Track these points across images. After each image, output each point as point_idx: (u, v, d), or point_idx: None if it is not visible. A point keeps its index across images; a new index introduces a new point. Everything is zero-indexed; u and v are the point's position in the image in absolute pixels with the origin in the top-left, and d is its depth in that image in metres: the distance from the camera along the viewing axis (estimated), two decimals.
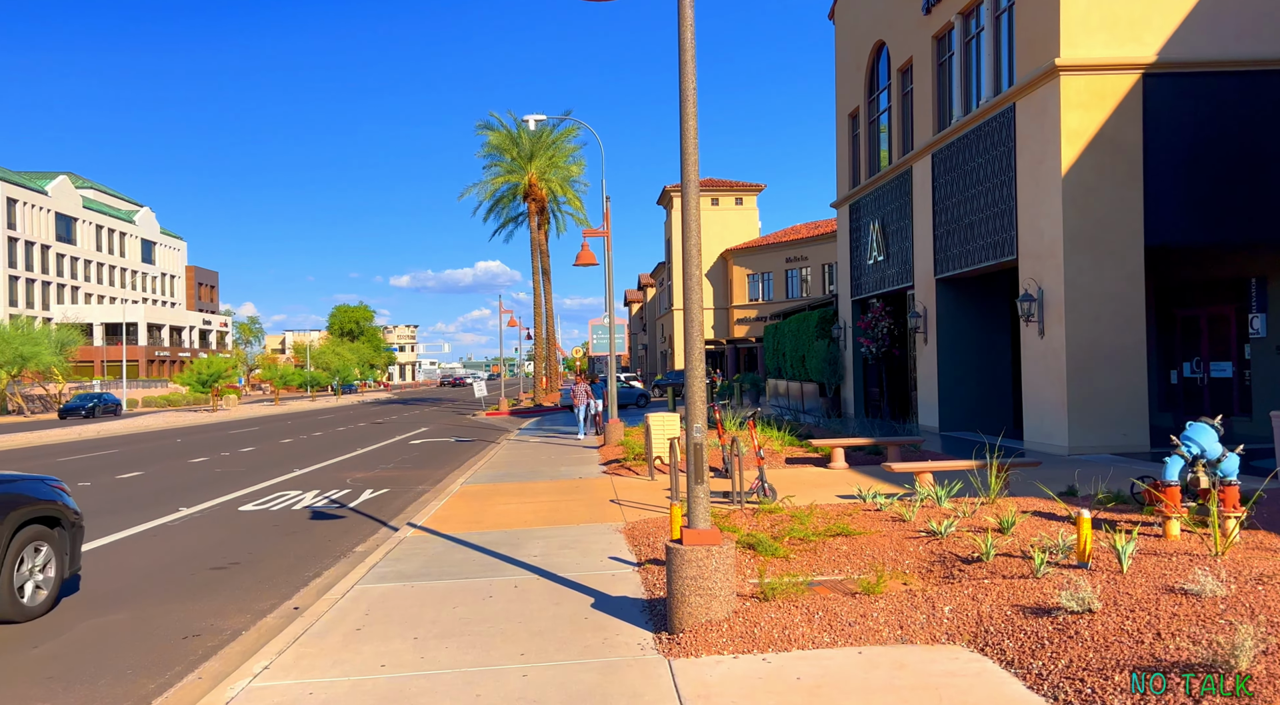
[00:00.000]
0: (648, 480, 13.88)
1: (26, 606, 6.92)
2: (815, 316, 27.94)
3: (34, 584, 7.06)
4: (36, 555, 7.11)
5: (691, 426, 5.77)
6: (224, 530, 11.18)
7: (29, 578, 7.01)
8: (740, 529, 8.46)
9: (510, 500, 12.38)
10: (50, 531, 7.29)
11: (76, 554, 7.60)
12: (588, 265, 20.28)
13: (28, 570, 7.00)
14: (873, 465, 14.46)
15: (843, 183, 26.77)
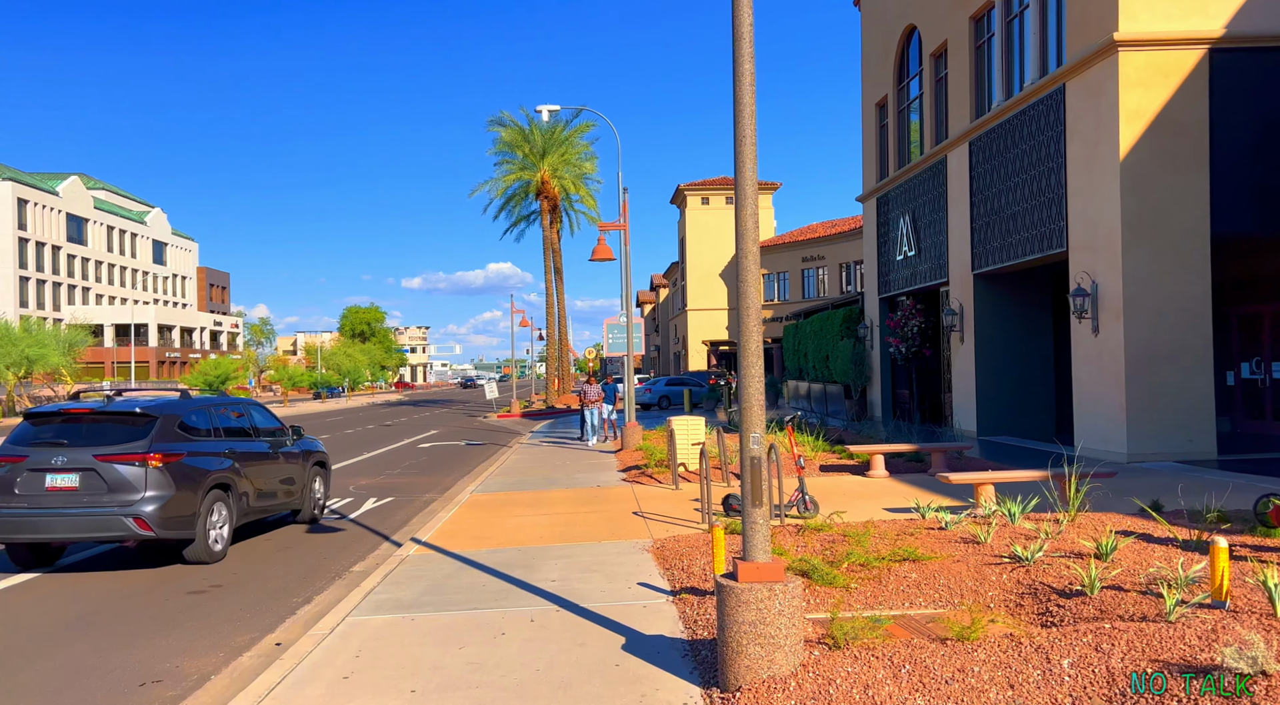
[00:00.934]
0: (672, 490, 12.84)
1: (317, 515, 11.70)
2: (840, 315, 26.82)
3: (319, 501, 11.77)
4: (317, 481, 11.70)
5: (748, 436, 4.73)
6: None
7: (317, 493, 11.66)
8: (787, 551, 7.40)
9: (524, 512, 11.36)
10: (323, 469, 12.01)
11: (329, 485, 12.34)
12: (604, 260, 19.26)
13: (315, 489, 11.63)
14: (915, 473, 13.38)
15: (869, 175, 25.66)
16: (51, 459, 8.37)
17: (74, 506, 8.28)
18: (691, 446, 14.25)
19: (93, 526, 8.33)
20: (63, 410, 8.86)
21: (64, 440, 8.54)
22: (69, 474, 8.36)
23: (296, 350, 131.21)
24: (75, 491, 8.32)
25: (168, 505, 8.43)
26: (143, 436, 8.58)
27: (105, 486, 8.34)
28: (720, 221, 66.51)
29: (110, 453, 8.40)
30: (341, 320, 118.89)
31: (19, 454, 8.46)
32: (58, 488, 8.34)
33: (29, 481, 8.35)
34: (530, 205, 48.98)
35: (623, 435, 19.07)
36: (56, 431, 8.65)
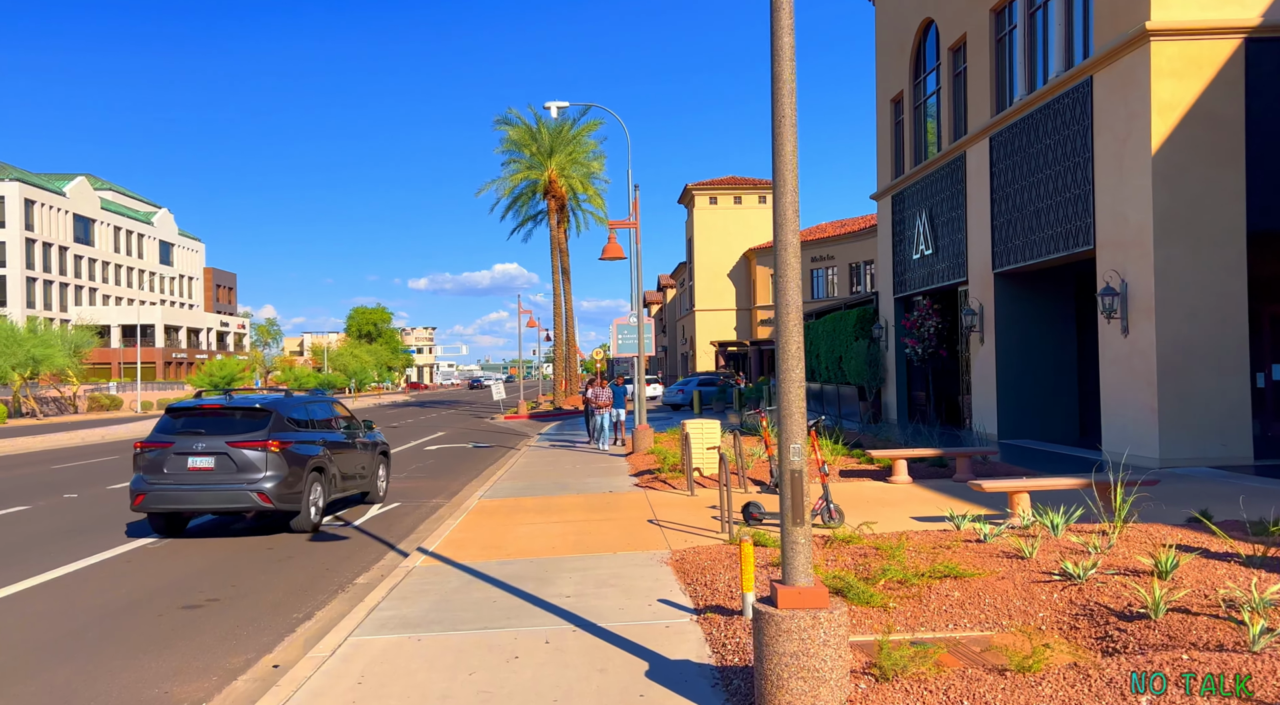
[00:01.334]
0: (687, 496, 12.40)
1: (382, 496, 13.37)
2: (853, 315, 26.33)
3: (383, 484, 13.49)
4: (382, 468, 13.42)
5: (788, 447, 4.28)
6: (209, 555, 9.80)
7: (381, 478, 13.37)
8: (818, 566, 6.95)
9: (534, 519, 10.93)
10: (385, 458, 13.74)
11: (390, 472, 14.39)
12: (615, 259, 18.82)
13: (380, 475, 13.32)
14: (939, 479, 12.91)
15: (883, 173, 25.17)
16: (193, 445, 10.18)
17: (210, 483, 10.14)
18: (706, 451, 13.81)
19: (225, 499, 10.15)
20: (199, 405, 10.75)
21: (201, 430, 10.39)
22: (206, 457, 10.19)
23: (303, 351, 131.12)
24: (211, 471, 10.17)
25: (282, 483, 10.27)
26: (262, 427, 10.40)
27: (235, 467, 10.16)
28: (728, 221, 66.07)
29: (239, 440, 10.20)
30: (348, 321, 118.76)
31: (166, 440, 10.30)
32: (197, 468, 10.16)
33: (174, 463, 10.16)
34: (537, 205, 48.61)
35: (633, 438, 18.64)
36: (194, 422, 10.50)
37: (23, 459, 23.36)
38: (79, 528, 11.70)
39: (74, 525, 11.92)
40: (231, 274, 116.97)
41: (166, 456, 10.19)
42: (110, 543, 10.50)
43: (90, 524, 12.00)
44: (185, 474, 10.13)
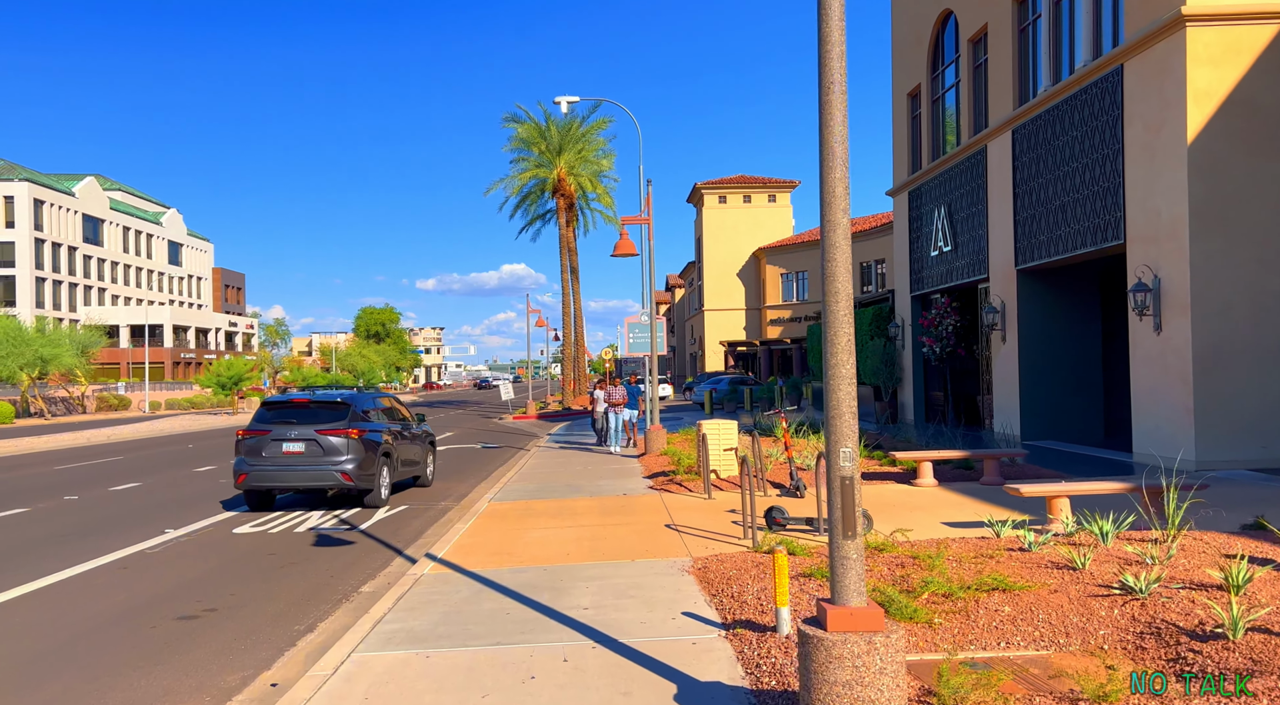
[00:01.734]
0: (704, 499, 11.96)
1: (430, 479, 14.72)
2: (869, 314, 25.84)
3: (430, 470, 14.79)
4: (430, 456, 14.74)
5: (837, 452, 3.85)
6: (209, 561, 9.41)
7: (429, 466, 14.69)
8: None
9: (547, 523, 10.51)
10: (433, 447, 15.12)
11: (435, 459, 15.42)
12: (627, 255, 18.39)
13: (429, 462, 14.73)
14: (966, 482, 12.44)
15: (900, 168, 24.68)
16: (286, 432, 12.02)
17: (301, 464, 11.96)
18: (724, 452, 13.37)
19: (313, 478, 11.95)
20: (290, 400, 12.69)
21: (292, 420, 12.23)
22: (298, 443, 12.03)
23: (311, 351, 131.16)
24: (302, 455, 11.99)
25: (360, 465, 12.02)
26: (343, 418, 12.21)
27: (322, 451, 11.98)
28: (738, 220, 65.64)
29: (324, 428, 12.02)
30: (356, 321, 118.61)
31: (264, 429, 12.16)
32: (290, 452, 12.01)
33: (271, 448, 12.02)
34: (546, 204, 48.25)
35: (646, 439, 18.21)
36: (285, 414, 12.38)
37: (26, 459, 23.08)
38: (78, 531, 11.34)
39: (74, 529, 11.56)
40: (240, 274, 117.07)
41: (264, 443, 12.06)
42: (109, 547, 10.13)
43: (90, 527, 11.64)
44: (280, 457, 12.02)
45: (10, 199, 73.72)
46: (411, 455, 13.94)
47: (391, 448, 12.98)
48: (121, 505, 13.67)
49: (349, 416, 12.28)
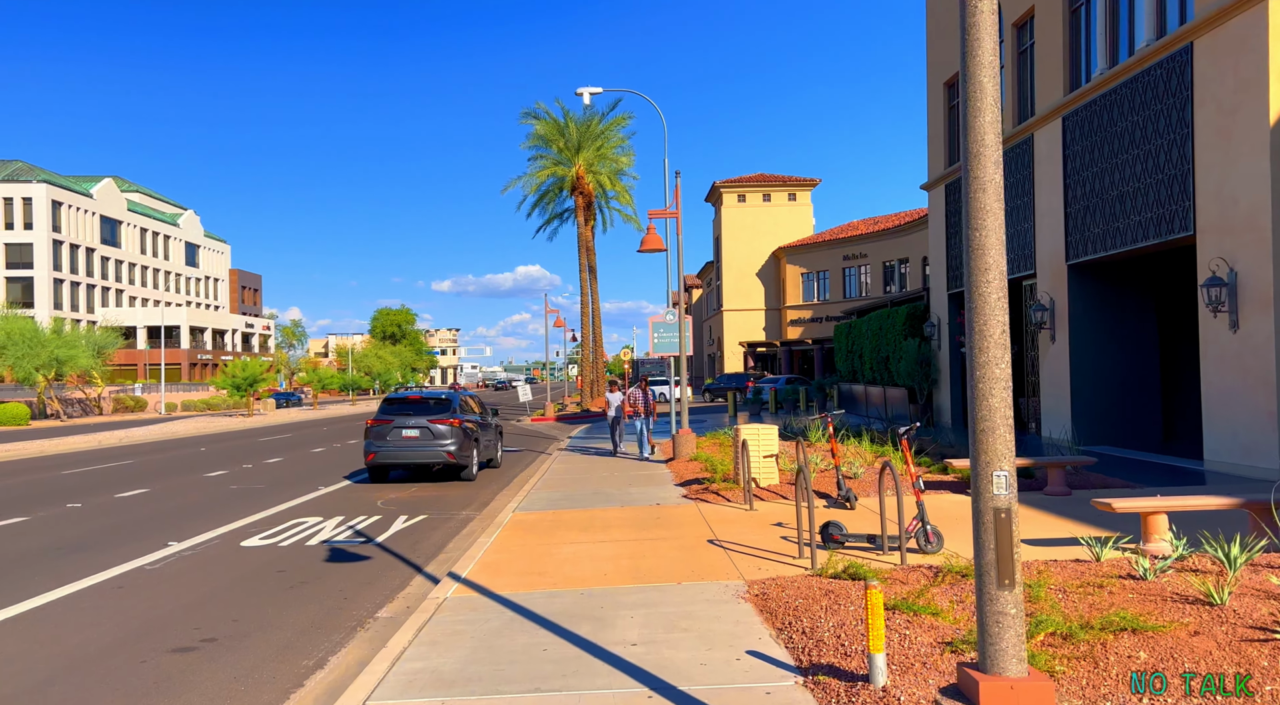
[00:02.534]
0: (745, 510, 11.09)
1: (499, 462, 17.80)
2: (903, 312, 24.87)
3: (500, 454, 17.94)
4: (499, 442, 17.90)
5: (989, 474, 2.99)
6: (212, 579, 8.64)
7: (499, 451, 17.86)
8: (943, 611, 5.62)
9: (578, 537, 9.68)
10: (501, 435, 18.29)
11: (503, 445, 18.92)
12: (654, 251, 17.55)
13: (498, 447, 17.82)
14: (1028, 492, 11.50)
15: (936, 161, 23.71)
16: (405, 421, 15.29)
17: (416, 446, 15.27)
18: (763, 459, 12.50)
19: (426, 456, 15.30)
20: (406, 396, 16.02)
21: (409, 411, 15.45)
22: (414, 429, 15.29)
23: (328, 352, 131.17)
24: (417, 439, 15.26)
25: (460, 447, 15.36)
26: (448, 410, 15.54)
27: (432, 436, 15.27)
28: (757, 219, 64.71)
29: (434, 418, 15.36)
30: (372, 322, 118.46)
31: (387, 419, 15.44)
32: (408, 437, 15.27)
33: (394, 433, 15.29)
34: (564, 202, 47.52)
35: (674, 444, 17.34)
36: (404, 407, 15.62)
37: (35, 463, 22.50)
38: (77, 544, 10.61)
39: (72, 541, 10.84)
40: (257, 275, 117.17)
41: (388, 429, 15.35)
42: (106, 563, 9.38)
43: (89, 539, 10.91)
44: (400, 440, 15.30)
45: (28, 200, 73.82)
46: (488, 441, 17.37)
47: (478, 435, 16.41)
48: (126, 514, 12.96)
49: (451, 409, 15.68)
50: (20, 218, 73.98)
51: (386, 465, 15.59)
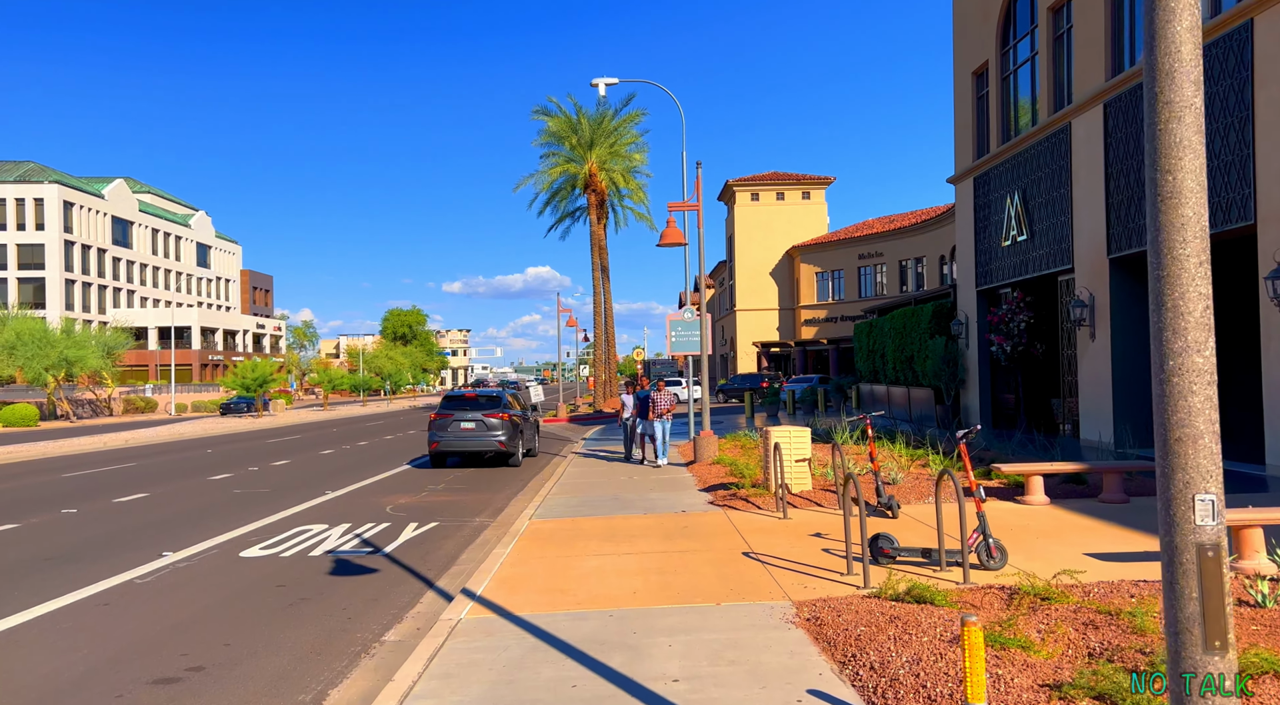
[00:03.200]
0: (778, 518, 10.34)
1: (536, 451, 19.97)
2: (928, 310, 24.04)
3: (536, 445, 19.84)
4: (536, 435, 20.07)
5: (1188, 497, 2.25)
6: (206, 594, 7.96)
7: (535, 441, 19.79)
8: (1033, 644, 4.86)
9: (600, 548, 8.96)
10: (538, 428, 20.81)
11: (539, 436, 21.17)
12: (674, 245, 16.82)
13: (535, 439, 19.91)
14: (1081, 499, 10.72)
15: (963, 153, 22.88)
16: (463, 415, 17.53)
17: (472, 436, 17.54)
18: (795, 464, 11.75)
19: (480, 445, 17.52)
20: (464, 394, 18.42)
21: (467, 407, 17.76)
22: (470, 422, 17.53)
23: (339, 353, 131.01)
24: (473, 430, 17.50)
25: (509, 437, 17.51)
26: (499, 406, 17.82)
27: (486, 428, 17.47)
28: (771, 218, 63.92)
29: (488, 412, 17.59)
30: (383, 323, 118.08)
31: (448, 413, 17.76)
32: (465, 428, 17.53)
33: (454, 426, 17.53)
34: (576, 201, 46.83)
35: (695, 447, 16.59)
36: (461, 403, 17.95)
37: (36, 466, 21.97)
38: (67, 553, 9.97)
39: (62, 550, 10.19)
40: (268, 276, 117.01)
41: (449, 422, 17.73)
42: (94, 575, 8.73)
43: (81, 548, 10.26)
44: (459, 431, 17.67)
45: (40, 201, 73.74)
46: (530, 433, 19.86)
47: (522, 427, 18.64)
48: (122, 520, 12.32)
49: (502, 405, 18.08)
50: (32, 218, 73.91)
51: (446, 452, 18.18)
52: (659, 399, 16.87)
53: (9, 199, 73.73)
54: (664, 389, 16.97)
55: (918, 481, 12.11)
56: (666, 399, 16.91)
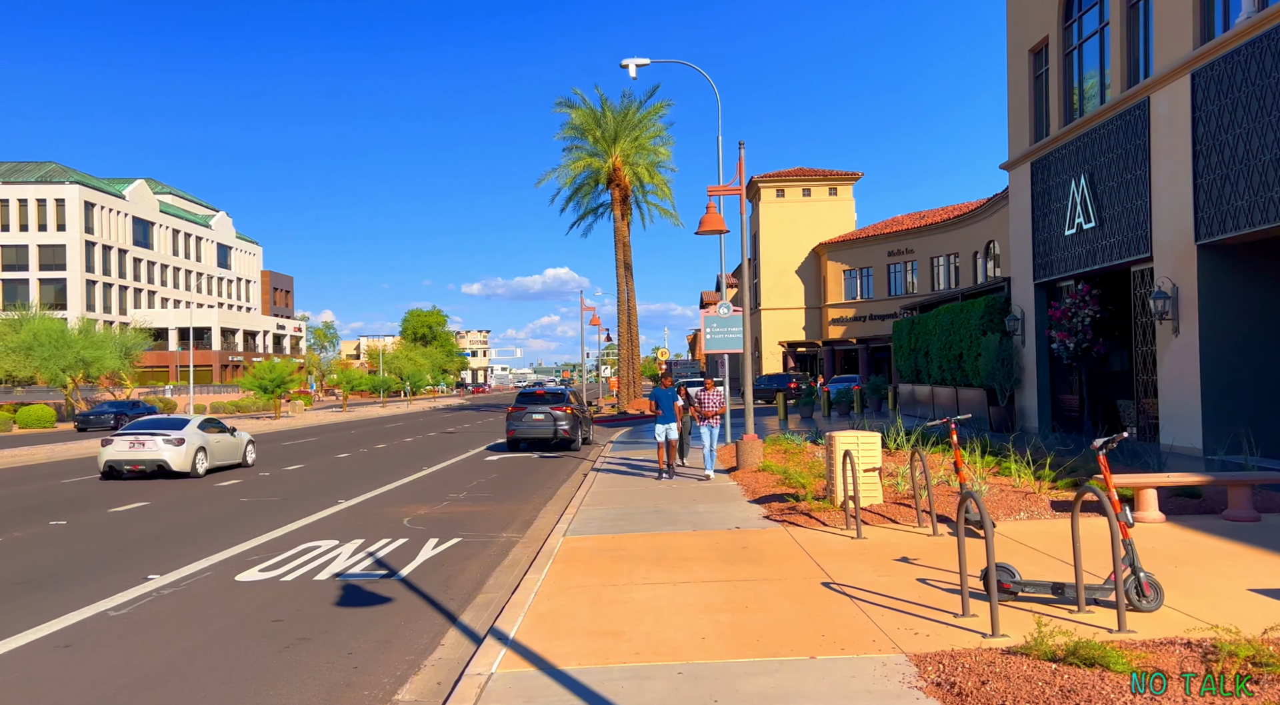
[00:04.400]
0: (851, 538, 8.98)
1: (591, 440, 24.19)
2: (980, 305, 22.53)
3: (591, 432, 25.19)
4: (590, 427, 25.18)
5: None
6: (189, 632, 6.72)
7: (589, 430, 24.44)
8: None
9: (651, 574, 7.65)
10: (591, 422, 26.28)
11: (591, 428, 25.65)
12: (714, 232, 15.49)
13: (590, 430, 24.97)
14: (1200, 515, 9.31)
15: (1018, 138, 21.37)
16: (535, 409, 21.60)
17: (541, 425, 21.49)
18: (864, 474, 10.37)
19: (546, 433, 21.45)
20: (534, 391, 23.01)
21: (537, 401, 21.96)
22: (540, 414, 21.56)
23: (360, 354, 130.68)
24: (542, 421, 21.48)
25: (572, 427, 21.54)
26: (563, 401, 21.99)
27: (552, 419, 21.48)
28: (797, 215, 62.37)
29: (554, 406, 21.70)
30: (403, 324, 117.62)
31: (521, 406, 21.89)
32: (535, 419, 21.51)
33: (526, 417, 21.56)
34: (599, 196, 45.65)
35: (738, 452, 15.25)
36: (532, 399, 22.14)
37: (37, 471, 20.97)
38: (42, 576, 8.79)
39: (37, 572, 9.02)
40: (289, 277, 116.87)
41: (523, 414, 21.63)
42: (64, 605, 7.52)
43: (58, 570, 9.08)
44: (530, 422, 21.56)
45: (61, 202, 73.62)
46: (586, 423, 23.64)
47: (581, 418, 22.74)
48: (113, 534, 11.16)
49: (565, 400, 22.37)
50: (53, 219, 73.80)
51: (520, 439, 22.16)
52: (707, 400, 15.07)
53: (30, 199, 73.66)
54: (712, 388, 14.94)
55: (1003, 494, 10.70)
56: (715, 399, 14.96)
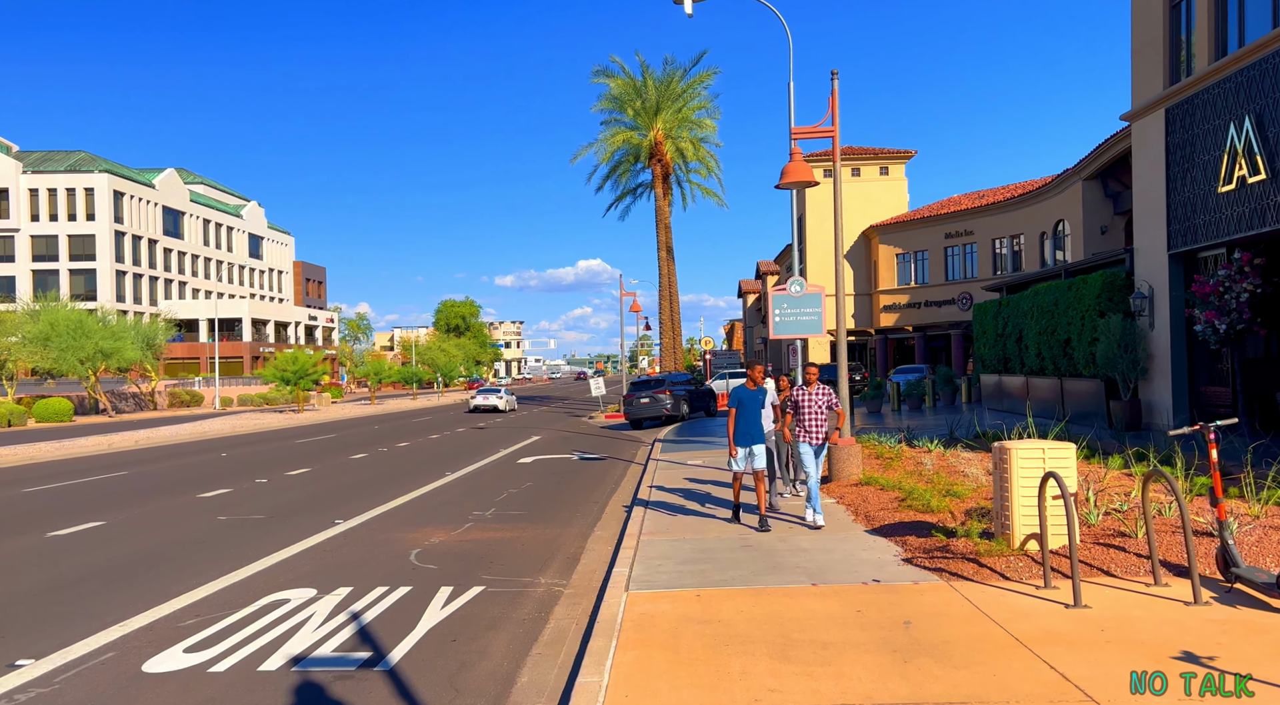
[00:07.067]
0: (1059, 603, 5.98)
1: (687, 416, 29.79)
2: (1096, 281, 19.18)
3: (687, 409, 29.75)
4: (686, 404, 29.74)
5: None
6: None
7: (687, 407, 29.82)
8: None
9: (780, 680, 4.74)
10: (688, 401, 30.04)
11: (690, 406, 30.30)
12: (799, 184, 12.45)
13: (685, 406, 29.66)
14: None
15: (1147, 80, 17.97)
16: (644, 393, 29.25)
17: (648, 406, 28.91)
18: (1052, 500, 7.32)
19: (653, 411, 28.72)
20: (645, 380, 31.29)
21: (646, 387, 29.87)
22: (647, 398, 29.05)
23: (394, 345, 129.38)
24: (650, 402, 28.94)
25: (674, 405, 28.83)
26: (664, 386, 29.65)
27: (655, 400, 28.90)
28: (845, 195, 58.70)
29: (658, 390, 29.21)
30: (436, 314, 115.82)
31: (634, 392, 29.67)
32: (643, 401, 29.04)
33: (638, 400, 29.13)
34: (639, 176, 42.60)
35: (831, 459, 12.23)
36: (643, 386, 30.22)
37: (22, 473, 18.59)
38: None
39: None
40: (321, 268, 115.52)
41: (635, 398, 28.67)
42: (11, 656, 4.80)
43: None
44: (641, 402, 28.52)
45: (90, 191, 72.48)
46: (683, 402, 28.96)
47: (681, 399, 28.74)
48: (29, 574, 8.51)
49: (666, 386, 28.93)
50: (83, 209, 72.70)
51: (636, 418, 28.44)
52: (807, 401, 9.56)
53: (60, 189, 72.61)
54: (816, 383, 9.60)
55: (1265, 533, 7.54)
56: (822, 400, 9.55)
